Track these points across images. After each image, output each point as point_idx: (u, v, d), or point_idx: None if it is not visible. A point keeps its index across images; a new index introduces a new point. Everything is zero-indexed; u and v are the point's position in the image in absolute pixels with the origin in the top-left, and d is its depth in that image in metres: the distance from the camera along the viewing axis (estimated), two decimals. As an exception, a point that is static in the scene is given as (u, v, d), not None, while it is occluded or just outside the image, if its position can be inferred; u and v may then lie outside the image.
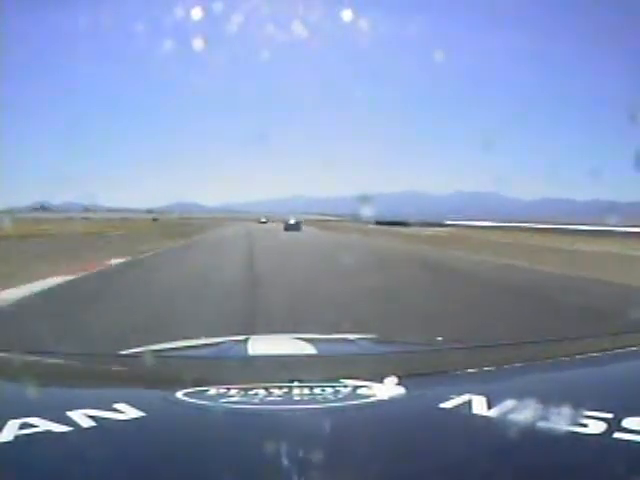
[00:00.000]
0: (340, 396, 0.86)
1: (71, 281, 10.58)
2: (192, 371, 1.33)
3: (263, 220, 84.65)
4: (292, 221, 64.04)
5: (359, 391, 0.88)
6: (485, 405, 0.80)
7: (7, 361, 1.35)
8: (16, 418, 0.76)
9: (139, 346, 1.99)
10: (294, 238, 32.25)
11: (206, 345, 2.11)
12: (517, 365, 1.28)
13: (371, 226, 51.48)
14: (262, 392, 0.89)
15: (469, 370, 1.25)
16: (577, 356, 1.37)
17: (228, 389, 0.91)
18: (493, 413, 0.77)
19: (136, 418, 0.79)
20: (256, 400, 0.86)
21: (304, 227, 54.35)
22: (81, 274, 11.61)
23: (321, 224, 75.30)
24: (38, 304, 8.17)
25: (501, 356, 1.43)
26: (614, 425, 0.72)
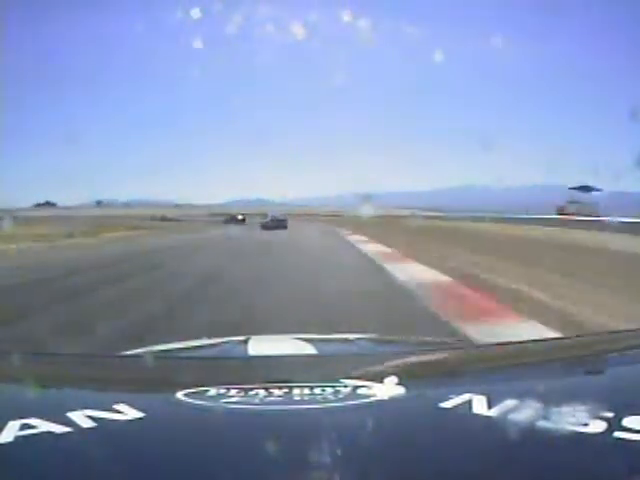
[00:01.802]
0: (340, 396, 0.86)
1: None
2: (192, 371, 1.33)
3: (240, 217, 54.11)
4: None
5: (359, 391, 0.88)
6: (485, 405, 0.80)
7: (7, 361, 1.35)
8: (16, 419, 0.76)
9: (139, 347, 2.00)
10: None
11: (206, 345, 2.11)
12: (517, 365, 1.28)
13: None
14: (262, 392, 0.89)
15: (469, 370, 1.25)
16: (577, 355, 1.37)
17: (228, 389, 0.91)
18: (493, 413, 0.77)
19: (136, 419, 0.79)
20: (256, 400, 0.86)
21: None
22: None
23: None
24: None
25: (501, 356, 1.43)
26: (615, 424, 0.71)
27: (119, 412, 0.80)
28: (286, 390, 0.90)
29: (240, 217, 53.57)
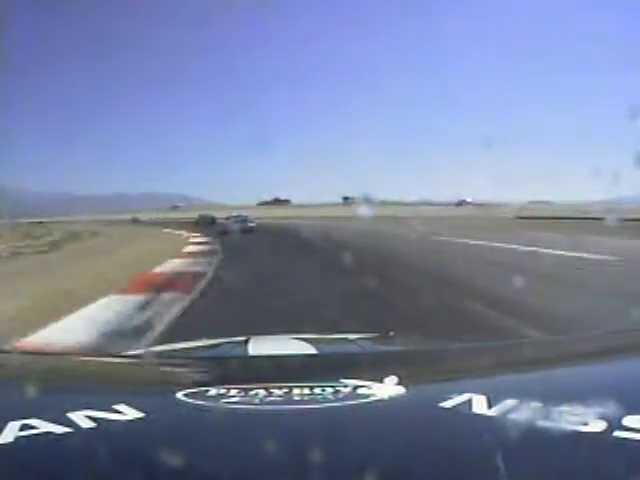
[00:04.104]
0: (340, 396, 0.86)
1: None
2: (192, 372, 1.34)
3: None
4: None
5: (359, 391, 0.88)
6: (485, 404, 0.80)
7: (7, 361, 1.35)
8: (16, 419, 0.76)
9: (139, 347, 2.00)
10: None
11: (206, 346, 2.11)
12: (517, 364, 1.28)
13: None
14: (262, 392, 0.89)
15: (469, 370, 1.25)
16: (577, 355, 1.37)
17: (228, 389, 0.91)
18: (493, 412, 0.77)
19: (136, 419, 0.79)
20: (256, 400, 0.86)
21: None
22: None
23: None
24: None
25: (501, 356, 1.43)
26: (615, 423, 0.72)
27: (119, 412, 0.80)
28: (286, 390, 0.90)
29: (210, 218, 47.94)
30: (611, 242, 15.53)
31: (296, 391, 0.90)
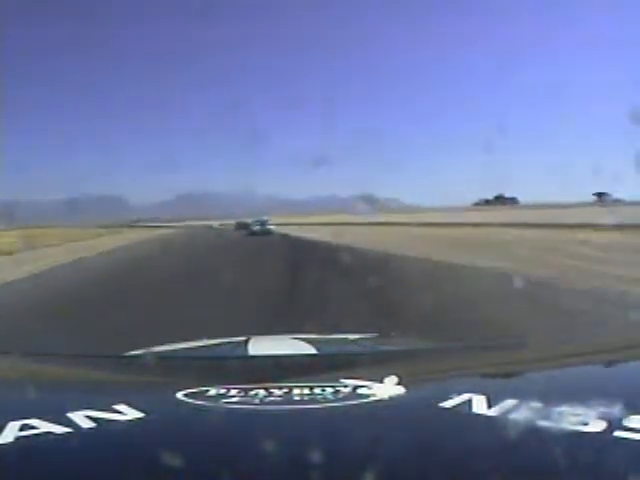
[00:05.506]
0: (340, 396, 0.86)
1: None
2: (192, 372, 1.34)
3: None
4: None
5: (359, 391, 0.88)
6: (485, 404, 0.80)
7: (7, 362, 1.35)
8: (16, 420, 0.76)
9: (139, 348, 2.00)
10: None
11: (206, 346, 2.11)
12: (517, 364, 1.28)
13: None
14: (262, 392, 0.89)
15: (469, 370, 1.25)
16: (577, 355, 1.37)
17: (228, 389, 0.91)
18: (493, 412, 0.77)
19: (136, 419, 0.79)
20: (256, 400, 0.86)
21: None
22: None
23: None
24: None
25: (501, 356, 1.43)
26: (615, 423, 0.72)
27: (119, 412, 0.80)
28: (286, 390, 0.90)
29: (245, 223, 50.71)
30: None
31: (296, 391, 0.90)
